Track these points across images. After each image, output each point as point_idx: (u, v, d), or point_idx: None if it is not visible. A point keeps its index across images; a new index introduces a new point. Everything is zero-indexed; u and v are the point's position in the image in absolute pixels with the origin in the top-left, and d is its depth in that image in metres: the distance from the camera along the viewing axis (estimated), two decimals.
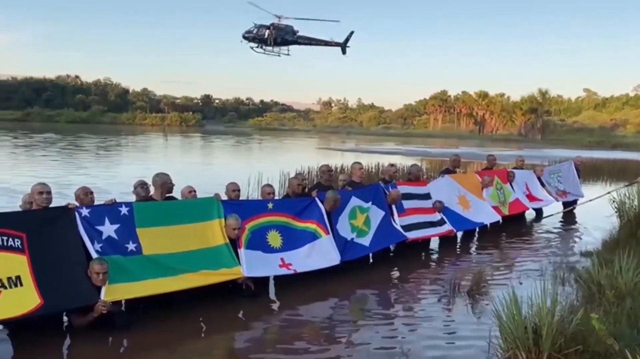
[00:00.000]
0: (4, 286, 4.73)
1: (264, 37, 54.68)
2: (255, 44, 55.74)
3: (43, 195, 5.51)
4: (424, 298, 6.74)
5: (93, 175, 19.22)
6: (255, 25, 55.74)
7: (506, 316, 4.47)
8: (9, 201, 11.97)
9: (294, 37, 57.59)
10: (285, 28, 56.53)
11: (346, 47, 59.56)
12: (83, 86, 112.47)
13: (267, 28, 54.97)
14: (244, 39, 55.47)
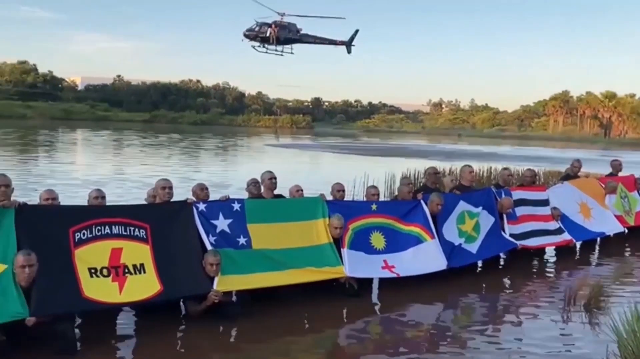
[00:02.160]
0: (130, 272, 5.20)
1: (266, 35, 52.12)
2: (257, 42, 53.28)
3: (165, 190, 5.98)
4: (536, 309, 6.39)
5: (210, 172, 20.47)
6: (257, 23, 53.07)
7: (626, 333, 4.12)
8: (137, 194, 13.12)
9: (298, 35, 55.02)
10: (289, 26, 54.06)
11: (351, 46, 57.19)
12: (204, 90, 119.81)
13: (269, 26, 52.30)
14: (245, 37, 53.03)
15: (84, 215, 5.27)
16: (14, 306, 4.39)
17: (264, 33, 52.29)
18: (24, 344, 4.54)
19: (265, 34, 52.32)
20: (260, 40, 53.01)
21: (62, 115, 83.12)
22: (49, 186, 13.69)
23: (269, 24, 52.63)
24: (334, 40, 58.26)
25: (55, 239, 4.95)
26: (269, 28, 52.29)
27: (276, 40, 52.75)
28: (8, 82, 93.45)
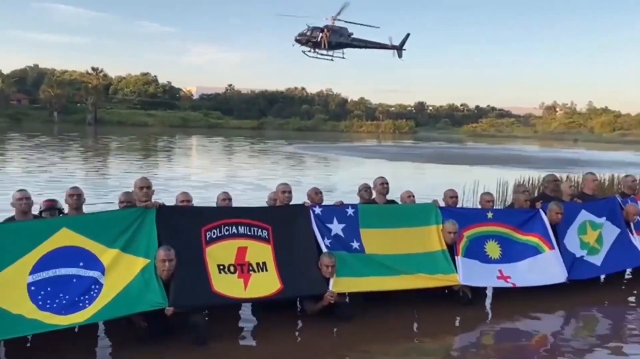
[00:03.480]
0: (253, 270, 5.57)
1: (318, 40, 51.35)
2: (308, 47, 52.48)
3: (285, 194, 6.32)
4: None
5: (319, 176, 21.03)
6: (308, 27, 52.23)
7: None
8: (251, 195, 13.84)
9: (349, 39, 54.06)
10: (340, 30, 53.09)
11: (402, 50, 55.61)
12: (308, 97, 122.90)
13: (321, 30, 51.44)
14: (297, 42, 52.19)
15: (214, 215, 5.73)
16: (155, 296, 4.89)
17: (316, 37, 51.85)
18: (162, 333, 5.02)
19: (316, 39, 51.86)
20: (312, 45, 52.54)
21: (179, 122, 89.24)
22: (173, 189, 14.94)
23: (321, 28, 52.09)
24: (385, 44, 57.16)
25: (189, 237, 5.43)
26: (320, 32, 51.77)
27: (328, 44, 52.13)
28: (132, 93, 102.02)
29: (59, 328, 4.54)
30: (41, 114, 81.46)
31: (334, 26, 53.21)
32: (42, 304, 4.54)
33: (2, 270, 4.53)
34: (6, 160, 25.41)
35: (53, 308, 4.55)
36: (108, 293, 4.80)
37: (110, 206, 6.92)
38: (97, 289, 4.80)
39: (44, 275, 4.66)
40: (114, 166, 24.47)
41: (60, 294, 4.64)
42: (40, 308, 4.52)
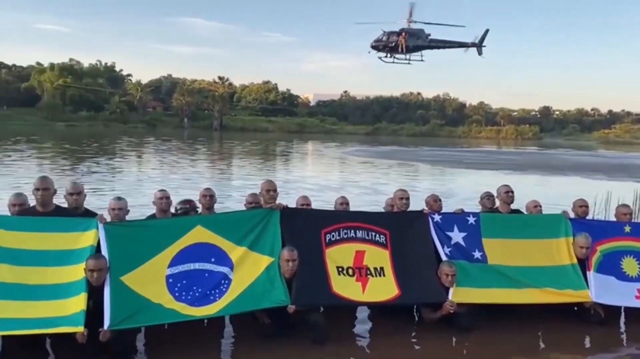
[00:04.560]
0: (371, 274, 5.62)
1: (395, 44, 49.87)
2: (385, 53, 51.09)
3: (403, 200, 6.31)
4: None
5: (436, 182, 20.65)
6: (384, 32, 50.86)
7: None
8: (365, 199, 13.95)
9: (427, 41, 52.21)
10: (418, 32, 51.29)
11: (482, 47, 53.14)
12: (424, 102, 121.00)
13: (398, 34, 49.89)
14: (373, 49, 50.87)
15: (333, 219, 5.88)
16: (279, 294, 5.12)
17: (392, 42, 50.91)
18: (284, 330, 5.24)
19: (393, 43, 50.94)
20: (389, 50, 51.70)
21: (296, 128, 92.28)
22: (292, 191, 15.51)
23: (398, 32, 51.04)
24: (464, 43, 55.02)
25: (310, 238, 5.62)
26: (397, 37, 50.76)
27: (405, 48, 51.15)
28: (254, 100, 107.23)
29: (192, 318, 4.92)
30: (173, 120, 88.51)
31: (411, 29, 52.39)
32: (179, 296, 4.95)
33: (145, 262, 5.00)
34: (143, 162, 27.95)
35: (187, 300, 4.95)
36: (236, 289, 5.12)
37: (237, 206, 7.34)
38: (227, 284, 5.14)
39: (180, 268, 5.08)
40: (237, 168, 25.92)
41: (194, 287, 5.03)
42: (176, 299, 4.93)
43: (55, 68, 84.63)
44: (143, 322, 4.82)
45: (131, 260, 4.92)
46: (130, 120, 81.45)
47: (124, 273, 4.82)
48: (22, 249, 4.73)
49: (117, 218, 5.38)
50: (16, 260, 4.67)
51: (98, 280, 4.63)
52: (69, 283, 4.64)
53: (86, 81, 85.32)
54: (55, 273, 4.69)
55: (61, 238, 4.88)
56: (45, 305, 4.49)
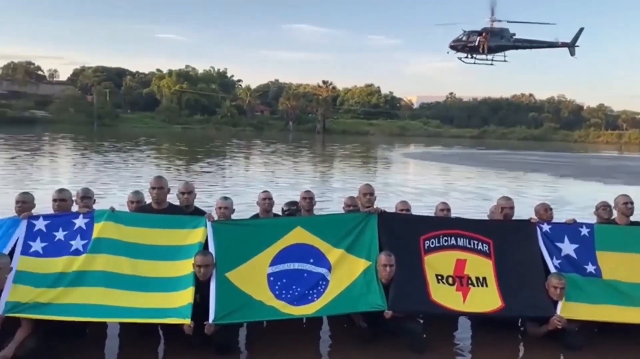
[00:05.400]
0: (472, 284, 5.43)
1: (475, 44, 47.55)
2: (465, 53, 48.86)
3: (506, 209, 6.03)
4: None
5: (547, 189, 19.51)
6: (464, 32, 48.50)
7: None
8: (469, 204, 13.48)
9: (511, 41, 49.22)
10: (501, 32, 48.43)
11: (575, 47, 49.60)
12: (536, 104, 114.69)
13: (479, 34, 47.56)
14: (451, 49, 48.76)
15: (433, 225, 5.75)
16: (375, 298, 5.10)
17: (473, 42, 48.84)
18: (380, 335, 5.21)
19: (474, 43, 48.83)
20: (469, 50, 49.66)
21: (398, 131, 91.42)
22: (391, 194, 15.42)
23: (479, 32, 48.94)
24: (554, 43, 51.44)
25: (409, 244, 5.53)
26: (478, 36, 48.65)
27: (487, 48, 48.86)
28: (357, 103, 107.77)
29: (291, 317, 5.05)
30: (279, 123, 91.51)
31: (494, 28, 49.90)
32: (279, 294, 5.10)
33: (248, 260, 5.21)
34: (250, 164, 29.15)
35: (287, 298, 5.08)
36: (333, 290, 5.18)
37: (336, 209, 7.41)
38: (324, 285, 5.21)
39: (281, 267, 5.24)
40: (337, 171, 26.22)
41: (294, 286, 5.16)
42: (276, 297, 5.08)
43: (173, 75, 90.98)
44: (245, 318, 5.02)
45: (235, 257, 5.15)
46: (239, 123, 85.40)
47: (229, 269, 5.06)
48: (139, 243, 5.13)
49: (224, 217, 5.68)
50: (133, 254, 5.07)
51: (205, 275, 4.90)
52: (178, 277, 4.96)
53: (200, 86, 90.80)
54: (166, 267, 5.03)
55: (173, 235, 5.22)
56: (157, 297, 4.83)
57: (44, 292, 4.68)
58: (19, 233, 4.95)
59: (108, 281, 4.87)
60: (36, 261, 4.87)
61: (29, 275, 4.75)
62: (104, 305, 4.72)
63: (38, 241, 4.96)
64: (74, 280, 4.81)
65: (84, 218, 5.14)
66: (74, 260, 4.92)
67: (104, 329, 5.20)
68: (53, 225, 5.06)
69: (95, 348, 4.98)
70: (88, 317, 4.70)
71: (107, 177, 18.49)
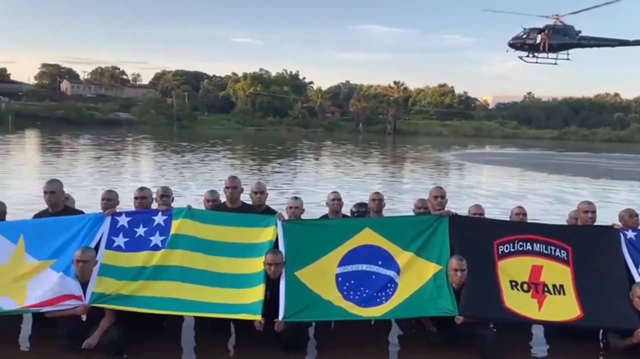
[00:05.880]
0: (549, 292, 5.20)
1: (536, 42, 44.66)
2: (525, 52, 45.93)
3: (588, 214, 5.73)
4: None
5: (635, 194, 18.33)
6: (524, 30, 45.46)
7: None
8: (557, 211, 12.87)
9: (576, 38, 45.81)
10: (565, 29, 45.17)
11: None
12: (622, 104, 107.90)
13: (541, 31, 44.61)
14: (510, 47, 46.01)
15: (507, 229, 5.56)
16: (446, 303, 5.00)
17: (533, 40, 45.77)
18: (450, 340, 5.10)
19: (534, 41, 45.79)
20: (528, 49, 46.66)
21: (472, 132, 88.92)
22: (464, 196, 15.04)
23: (540, 30, 45.80)
24: (625, 41, 47.63)
25: (481, 249, 5.38)
26: (539, 34, 45.58)
27: (549, 47, 45.69)
28: (429, 104, 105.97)
29: (359, 318, 5.05)
30: (349, 125, 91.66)
31: (557, 25, 46.45)
32: (347, 295, 5.11)
33: (317, 260, 5.26)
34: (320, 164, 29.41)
35: (355, 299, 5.09)
36: (402, 293, 5.12)
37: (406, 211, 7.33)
38: (393, 288, 5.17)
39: (349, 268, 5.25)
40: (408, 172, 25.92)
41: (362, 287, 5.15)
42: (344, 298, 5.10)
43: (247, 78, 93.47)
44: (313, 317, 5.08)
45: (305, 257, 5.22)
46: (310, 124, 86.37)
47: (298, 268, 5.13)
48: (213, 240, 5.31)
49: (294, 216, 5.77)
50: (208, 250, 5.26)
51: (275, 273, 5.00)
52: (250, 274, 5.10)
53: (273, 89, 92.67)
54: (239, 264, 5.18)
55: (245, 233, 5.37)
56: (230, 292, 4.98)
57: (125, 285, 4.95)
58: (103, 228, 5.26)
59: (184, 275, 5.08)
60: (119, 255, 5.17)
61: (112, 268, 5.05)
62: (180, 299, 4.94)
63: (121, 237, 5.26)
64: (152, 274, 5.06)
65: (163, 215, 5.38)
66: (153, 255, 5.17)
67: (180, 322, 5.43)
68: (134, 221, 5.35)
69: (171, 340, 5.21)
70: (165, 310, 4.93)
71: (185, 176, 19.31)
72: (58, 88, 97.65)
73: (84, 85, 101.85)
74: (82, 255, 4.85)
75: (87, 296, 4.82)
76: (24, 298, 4.84)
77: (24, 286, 4.92)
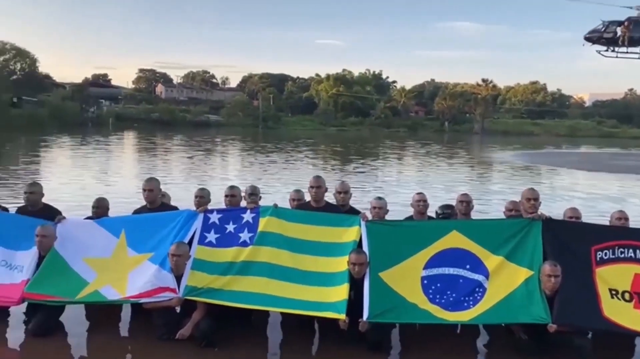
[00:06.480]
0: None
1: (615, 36, 40.64)
2: (603, 46, 41.84)
3: None
4: None
5: None
6: (603, 22, 41.29)
7: None
8: None
9: None
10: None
11: None
12: None
13: (620, 24, 40.52)
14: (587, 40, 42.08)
15: (607, 235, 5.22)
16: (538, 310, 4.76)
17: (612, 33, 41.24)
18: (541, 348, 4.86)
19: (613, 34, 41.29)
20: (606, 43, 42.09)
21: (566, 132, 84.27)
22: (558, 199, 14.25)
23: (620, 22, 41.07)
24: None
25: (577, 254, 5.08)
26: (618, 27, 41.01)
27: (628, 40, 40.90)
28: (520, 102, 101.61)
29: (445, 322, 4.94)
30: (434, 124, 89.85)
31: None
32: (432, 298, 5.01)
33: (402, 261, 5.19)
34: (403, 165, 29.06)
35: (441, 303, 4.97)
36: (491, 298, 4.95)
37: (496, 213, 7.09)
38: (481, 292, 5.01)
39: (435, 271, 5.14)
40: (496, 173, 24.97)
41: (448, 291, 5.03)
42: (430, 301, 5.00)
43: (330, 79, 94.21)
44: (398, 319, 5.03)
45: (389, 258, 5.17)
46: (393, 124, 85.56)
47: (382, 269, 5.10)
48: (299, 238, 5.41)
49: (378, 217, 5.75)
50: (294, 247, 5.36)
51: (359, 273, 5.00)
52: (334, 272, 5.13)
53: (356, 89, 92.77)
54: (324, 262, 5.24)
55: (329, 232, 5.42)
56: (315, 290, 5.05)
57: (216, 279, 5.17)
58: (196, 224, 5.52)
59: (271, 272, 5.21)
60: (210, 250, 5.40)
61: (204, 262, 5.28)
62: (266, 294, 5.07)
63: (212, 233, 5.49)
64: (241, 269, 5.24)
65: (251, 213, 5.55)
66: (241, 251, 5.35)
67: (266, 318, 5.58)
68: (225, 218, 5.56)
69: (258, 334, 5.36)
70: (253, 304, 5.09)
71: (271, 176, 19.82)
72: (153, 92, 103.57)
73: (177, 88, 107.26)
74: (176, 250, 5.12)
75: (181, 289, 5.08)
76: (125, 288, 5.18)
77: (125, 278, 5.27)
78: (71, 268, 5.39)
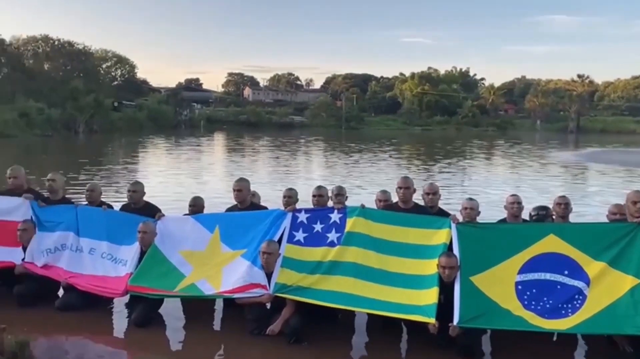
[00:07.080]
0: None
1: None
2: None
3: None
4: None
5: None
6: None
7: None
8: None
9: None
10: None
11: None
12: None
13: None
14: None
15: None
16: None
17: None
18: None
19: None
20: None
21: None
22: None
23: None
24: None
25: None
26: None
27: None
28: (620, 98, 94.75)
29: (540, 330, 4.70)
30: (525, 123, 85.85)
31: None
32: (527, 304, 4.79)
33: (495, 265, 5.00)
34: (493, 165, 28.04)
35: (537, 310, 4.74)
36: (592, 307, 4.65)
37: (598, 216, 6.65)
38: (581, 300, 4.72)
39: (530, 276, 4.91)
40: (594, 173, 23.42)
41: (545, 298, 4.79)
42: (525, 307, 4.78)
43: (415, 77, 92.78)
44: (491, 324, 4.85)
45: (481, 261, 5.01)
46: (481, 123, 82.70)
47: (474, 273, 4.95)
48: (386, 239, 5.37)
49: (469, 218, 5.58)
50: (381, 249, 5.33)
51: (449, 277, 4.88)
52: (423, 275, 5.05)
53: (442, 87, 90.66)
54: (412, 264, 5.17)
55: (418, 234, 5.33)
56: (403, 292, 4.99)
57: (304, 277, 5.26)
58: (285, 223, 5.65)
59: (358, 272, 5.22)
60: (298, 249, 5.50)
61: (293, 261, 5.40)
62: (354, 294, 5.09)
63: (300, 232, 5.60)
64: (329, 269, 5.30)
65: (338, 213, 5.59)
66: (329, 251, 5.41)
67: (352, 317, 5.59)
68: (313, 218, 5.65)
69: (345, 333, 5.39)
70: (340, 304, 5.12)
71: (356, 176, 19.87)
72: (241, 95, 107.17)
73: (264, 91, 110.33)
74: (267, 247, 5.28)
75: (271, 285, 5.23)
76: (219, 283, 5.41)
77: (219, 273, 5.51)
78: (169, 262, 5.71)
